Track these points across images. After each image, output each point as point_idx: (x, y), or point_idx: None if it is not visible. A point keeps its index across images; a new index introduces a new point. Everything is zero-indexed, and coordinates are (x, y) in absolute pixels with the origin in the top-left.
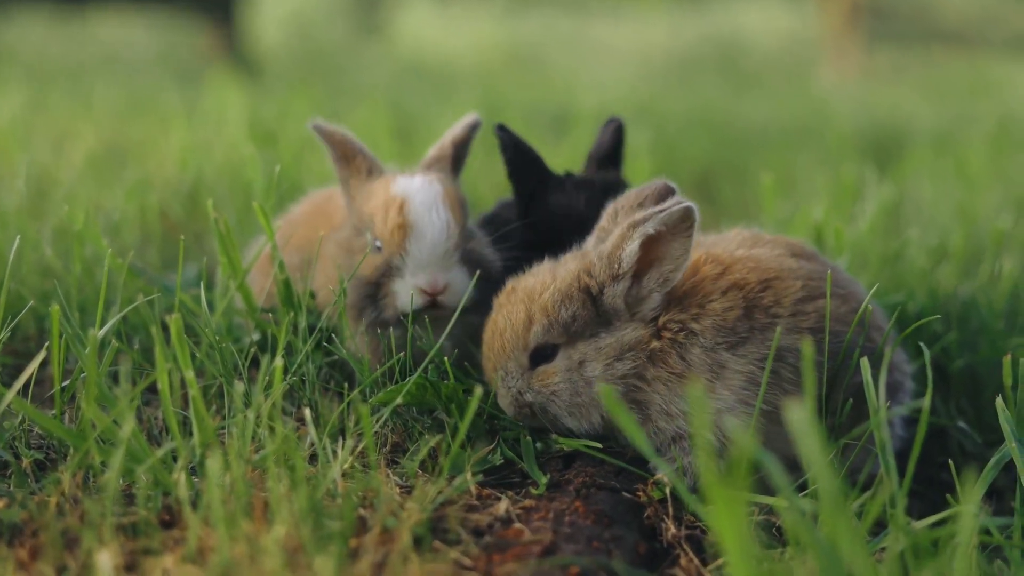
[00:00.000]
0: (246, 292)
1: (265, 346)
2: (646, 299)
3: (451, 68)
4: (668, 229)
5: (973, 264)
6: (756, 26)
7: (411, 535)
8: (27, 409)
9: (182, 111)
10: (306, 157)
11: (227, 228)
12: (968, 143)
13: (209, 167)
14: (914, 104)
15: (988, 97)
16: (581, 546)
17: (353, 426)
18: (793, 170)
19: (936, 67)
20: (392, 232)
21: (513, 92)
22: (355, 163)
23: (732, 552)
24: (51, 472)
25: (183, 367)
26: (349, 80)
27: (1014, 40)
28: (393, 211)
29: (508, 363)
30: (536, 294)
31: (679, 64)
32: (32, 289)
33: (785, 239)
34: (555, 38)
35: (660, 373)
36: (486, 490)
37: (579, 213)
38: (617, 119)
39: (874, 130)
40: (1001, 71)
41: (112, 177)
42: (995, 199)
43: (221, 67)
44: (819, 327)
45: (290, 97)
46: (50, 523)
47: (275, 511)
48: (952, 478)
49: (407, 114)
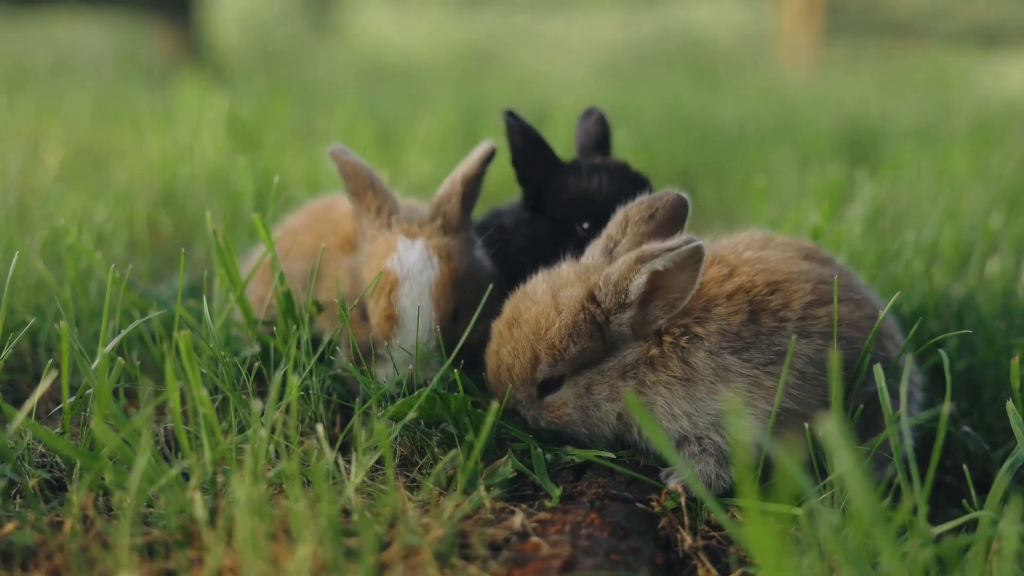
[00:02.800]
0: (245, 304)
1: (265, 359)
2: (651, 324)
3: (412, 67)
4: (676, 265)
5: (963, 263)
6: (709, 20)
7: (433, 552)
8: (39, 431)
9: (156, 115)
10: (287, 162)
11: (226, 240)
12: (947, 140)
13: (190, 173)
14: (883, 99)
15: (952, 90)
16: (600, 559)
17: (364, 440)
18: (771, 169)
19: (892, 60)
20: (380, 321)
21: (484, 91)
22: (366, 200)
23: (768, 566)
24: (60, 493)
25: (194, 386)
26: (310, 79)
27: (964, 32)
28: (383, 299)
29: (518, 394)
30: (542, 331)
31: (635, 60)
32: (24, 303)
33: (798, 242)
34: (510, 35)
35: (660, 377)
36: (499, 503)
37: (601, 197)
38: (597, 109)
39: (848, 127)
40: (957, 63)
41: (90, 184)
42: (979, 197)
43: (187, 68)
44: (829, 332)
45: (263, 100)
46: (66, 545)
47: (299, 531)
48: (955, 480)
49: (384, 117)
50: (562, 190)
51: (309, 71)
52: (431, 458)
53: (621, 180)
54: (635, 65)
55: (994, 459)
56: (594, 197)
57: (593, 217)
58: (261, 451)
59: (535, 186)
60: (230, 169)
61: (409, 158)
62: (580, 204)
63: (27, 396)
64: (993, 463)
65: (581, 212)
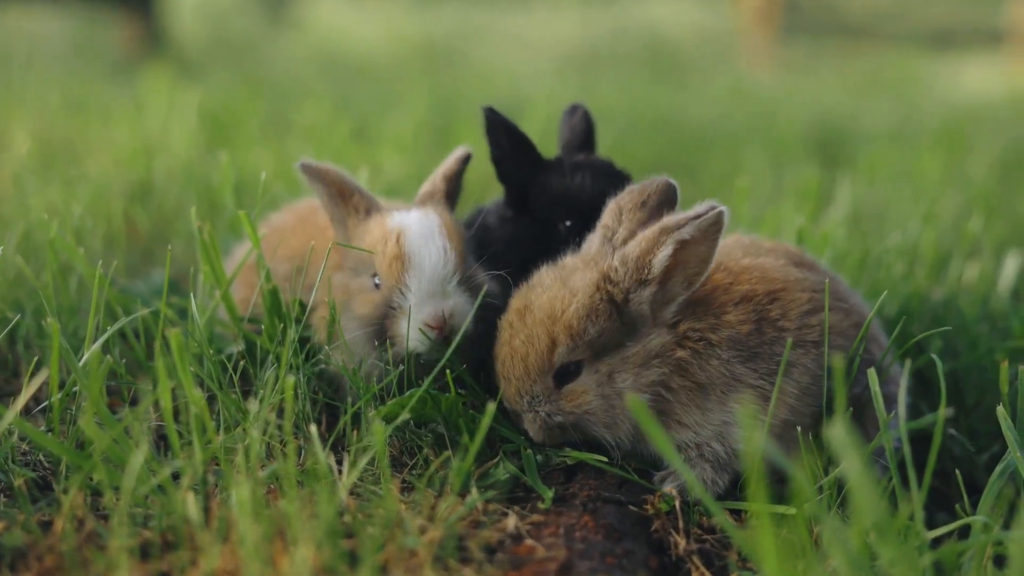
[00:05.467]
0: (230, 302)
1: (250, 357)
2: (670, 303)
3: (371, 61)
4: (701, 233)
5: (941, 266)
6: (667, 19)
7: (431, 554)
8: (29, 430)
9: (125, 108)
10: (259, 157)
11: (211, 237)
12: (916, 142)
13: (166, 168)
14: (847, 101)
15: (912, 92)
16: (596, 562)
17: (356, 441)
18: (744, 170)
19: (848, 61)
20: (390, 264)
21: (453, 87)
22: (352, 201)
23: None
24: (45, 492)
25: (187, 386)
26: (271, 73)
27: (916, 34)
28: (391, 243)
29: (533, 387)
30: (557, 313)
31: (594, 57)
32: (1, 297)
33: (785, 247)
34: (468, 30)
35: (684, 383)
36: (491, 504)
37: (585, 195)
38: (581, 106)
39: (818, 128)
40: (913, 65)
41: (61, 178)
42: (953, 200)
43: (151, 61)
44: (823, 340)
45: (231, 94)
46: (56, 546)
47: (297, 533)
48: (941, 483)
49: (354, 114)
50: (545, 188)
51: (269, 64)
52: (421, 459)
53: (605, 178)
54: (594, 63)
55: (978, 463)
56: (577, 195)
57: (576, 215)
58: (256, 452)
59: (518, 184)
60: (205, 164)
61: (383, 155)
62: (563, 202)
63: (3, 391)
64: (978, 467)
65: (564, 210)
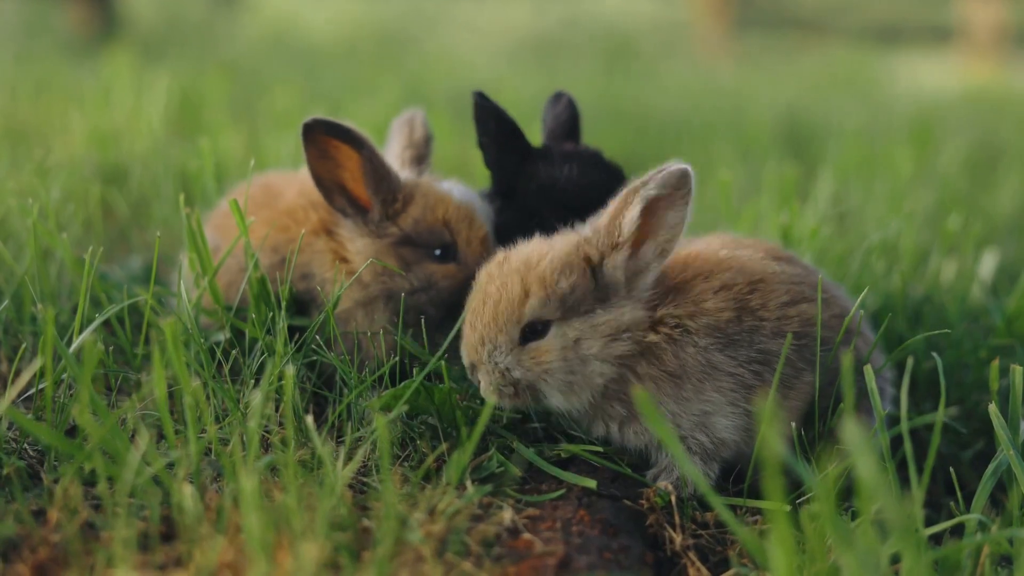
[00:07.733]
0: (215, 289)
1: (234, 345)
2: (643, 273)
3: (324, 46)
4: (667, 192)
5: (918, 263)
6: (619, 9)
7: (434, 549)
8: (22, 420)
9: (90, 90)
10: (228, 141)
11: (199, 224)
12: (885, 138)
13: (138, 151)
14: (807, 95)
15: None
16: (594, 557)
17: (351, 431)
18: (715, 164)
19: (799, 54)
20: (480, 243)
21: (414, 73)
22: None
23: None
24: (34, 481)
25: (183, 378)
26: (227, 55)
27: (865, 29)
28: (476, 223)
29: (498, 336)
30: (533, 263)
31: (545, 46)
32: None
33: (763, 243)
34: (419, 16)
35: (651, 371)
36: (486, 498)
37: (573, 184)
38: (566, 94)
39: (785, 123)
40: (864, 60)
41: (29, 161)
42: (926, 197)
43: (110, 43)
44: (801, 331)
45: (196, 77)
46: (50, 538)
47: (301, 525)
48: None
49: (328, 100)
50: (532, 177)
51: (225, 47)
52: (413, 451)
53: (594, 168)
54: (546, 52)
55: (963, 460)
56: (564, 185)
57: (563, 205)
58: (255, 444)
59: (505, 172)
60: (177, 148)
61: None
62: (550, 192)
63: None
64: (962, 464)
65: (551, 200)
